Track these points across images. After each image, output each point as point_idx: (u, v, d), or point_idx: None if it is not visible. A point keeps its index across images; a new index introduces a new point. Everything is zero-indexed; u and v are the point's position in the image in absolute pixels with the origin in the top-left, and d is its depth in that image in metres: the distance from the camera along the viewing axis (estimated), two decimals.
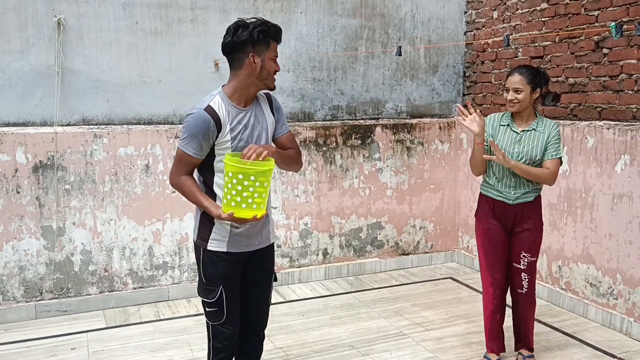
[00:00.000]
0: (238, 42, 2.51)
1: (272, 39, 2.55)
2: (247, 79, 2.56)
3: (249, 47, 2.50)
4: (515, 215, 3.44)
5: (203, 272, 2.67)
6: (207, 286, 2.66)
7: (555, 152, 3.34)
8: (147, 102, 4.71)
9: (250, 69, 2.54)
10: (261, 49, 2.52)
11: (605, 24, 4.19)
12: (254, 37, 2.49)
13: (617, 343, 3.97)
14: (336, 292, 5.03)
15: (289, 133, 2.81)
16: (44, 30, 4.36)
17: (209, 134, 2.51)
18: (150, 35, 4.66)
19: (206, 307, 2.69)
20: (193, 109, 2.56)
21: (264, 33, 2.51)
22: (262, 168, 2.40)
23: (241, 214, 2.44)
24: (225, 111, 2.53)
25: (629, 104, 4.12)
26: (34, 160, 4.32)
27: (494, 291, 3.55)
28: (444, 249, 5.86)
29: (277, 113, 2.76)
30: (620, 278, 4.12)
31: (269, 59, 2.55)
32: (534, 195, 3.44)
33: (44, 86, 4.40)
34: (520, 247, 3.48)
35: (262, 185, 2.42)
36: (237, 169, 2.37)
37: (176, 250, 4.80)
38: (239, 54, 2.53)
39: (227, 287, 2.66)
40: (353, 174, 5.35)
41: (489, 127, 3.48)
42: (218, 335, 2.72)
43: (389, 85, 5.55)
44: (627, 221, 4.04)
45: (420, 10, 5.58)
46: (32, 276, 4.40)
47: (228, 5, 4.85)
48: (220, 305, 2.66)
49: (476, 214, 3.63)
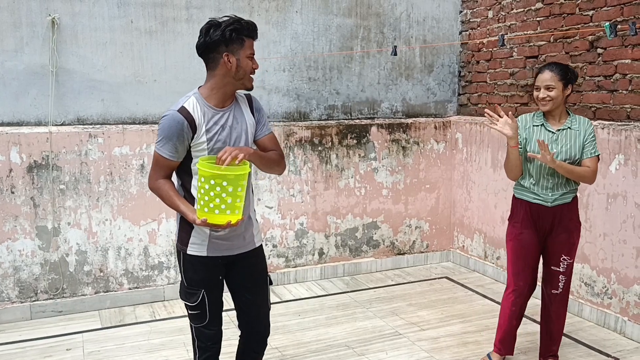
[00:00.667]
0: (211, 43, 2.46)
1: (246, 36, 2.49)
2: (223, 78, 2.51)
3: (222, 46, 2.45)
4: (554, 218, 3.34)
5: (184, 276, 2.65)
6: (188, 290, 2.64)
7: (593, 149, 3.27)
8: (142, 101, 4.70)
9: (225, 69, 2.48)
10: (235, 48, 2.47)
11: (600, 24, 4.21)
12: (226, 36, 2.43)
13: (611, 342, 3.99)
14: (332, 292, 5.03)
15: (271, 134, 2.74)
16: (38, 29, 4.34)
17: (183, 135, 2.46)
18: (145, 34, 4.64)
19: (189, 309, 2.67)
20: (167, 110, 2.50)
21: (236, 31, 2.45)
22: (235, 173, 2.32)
23: (214, 220, 2.37)
24: (200, 112, 2.48)
25: (623, 103, 4.13)
26: (29, 160, 4.31)
27: (515, 299, 3.47)
28: (440, 248, 5.87)
29: (258, 114, 2.69)
30: (614, 277, 4.13)
31: (245, 57, 2.49)
32: (572, 196, 3.35)
33: (38, 86, 4.38)
34: (561, 250, 3.38)
35: (235, 191, 2.34)
36: (209, 174, 2.30)
37: (171, 250, 4.79)
38: (213, 54, 2.48)
39: (209, 291, 2.63)
40: (349, 173, 5.36)
41: (521, 129, 3.37)
42: (201, 336, 2.71)
43: (384, 84, 5.56)
44: (621, 221, 4.06)
45: (415, 9, 5.58)
46: (27, 276, 4.39)
47: (223, 5, 4.84)
48: (203, 308, 2.63)
49: (510, 218, 3.51)
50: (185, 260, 2.62)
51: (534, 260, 3.46)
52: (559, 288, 3.45)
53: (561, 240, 3.38)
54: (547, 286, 3.50)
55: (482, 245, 5.47)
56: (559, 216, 3.35)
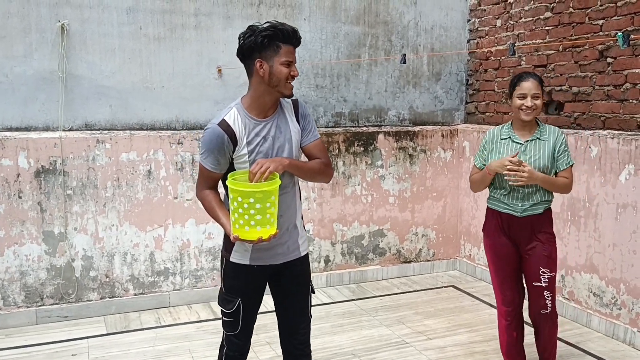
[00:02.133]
0: (245, 49, 2.44)
1: (283, 42, 2.42)
2: (259, 87, 2.47)
3: (255, 53, 2.42)
4: (524, 228, 3.28)
5: (224, 282, 2.65)
6: (226, 296, 2.63)
7: (568, 159, 3.24)
8: (150, 107, 4.70)
9: (258, 76, 2.45)
10: (269, 55, 2.42)
11: (610, 33, 4.19)
12: (258, 42, 2.39)
13: (620, 353, 3.95)
14: (338, 299, 5.01)
15: (318, 141, 2.65)
16: (47, 35, 4.36)
17: (224, 149, 2.45)
18: (154, 41, 4.66)
19: (223, 316, 2.67)
20: (209, 123, 2.50)
21: (269, 37, 2.39)
22: (261, 189, 2.28)
23: (245, 236, 2.35)
24: (241, 124, 2.46)
25: (633, 113, 4.11)
26: (36, 165, 4.31)
27: (507, 309, 3.41)
28: (446, 257, 5.84)
29: (304, 120, 2.63)
30: (624, 288, 4.10)
31: (279, 63, 2.42)
32: (544, 207, 3.28)
33: (46, 91, 4.39)
34: (538, 264, 3.27)
35: (264, 206, 2.30)
36: (236, 191, 2.29)
37: (177, 256, 4.78)
38: (248, 61, 2.46)
39: (246, 300, 2.61)
40: (355, 181, 5.34)
41: (488, 144, 3.36)
42: (229, 344, 2.70)
43: (391, 92, 5.55)
44: (631, 231, 4.02)
45: (423, 18, 5.58)
46: (33, 281, 4.39)
47: (232, 12, 4.86)
48: (237, 317, 2.61)
49: (484, 229, 3.49)
50: (227, 266, 2.62)
51: (514, 269, 3.38)
52: (547, 307, 3.31)
53: (536, 253, 3.28)
54: (534, 307, 3.35)
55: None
56: (529, 227, 3.28)
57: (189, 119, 4.82)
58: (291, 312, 2.72)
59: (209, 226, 4.84)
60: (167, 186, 4.68)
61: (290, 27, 2.46)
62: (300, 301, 2.71)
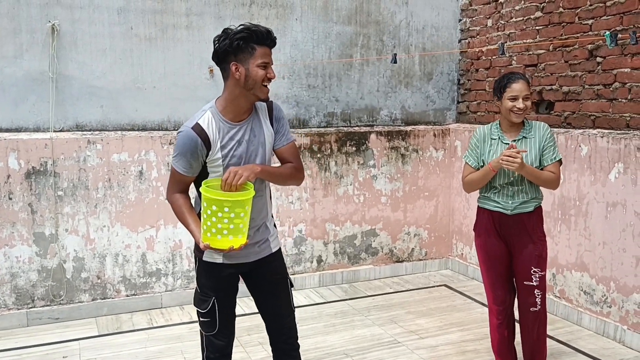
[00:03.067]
0: (220, 52, 2.40)
1: (257, 43, 2.37)
2: (234, 90, 2.43)
3: (231, 56, 2.38)
4: (515, 227, 3.29)
5: (197, 282, 2.64)
6: (201, 296, 2.62)
7: (554, 154, 3.23)
8: (141, 108, 4.69)
9: (234, 79, 2.41)
10: (244, 57, 2.37)
11: (599, 33, 4.22)
12: (233, 45, 2.35)
13: (610, 351, 3.97)
14: (330, 299, 5.01)
15: (290, 144, 2.63)
16: (37, 35, 4.34)
17: (197, 153, 2.42)
18: (145, 41, 4.65)
19: (200, 317, 2.64)
20: (182, 126, 2.46)
21: (244, 40, 2.35)
22: (235, 199, 2.26)
23: (217, 245, 2.32)
24: (215, 128, 2.42)
25: (622, 112, 4.14)
26: (27, 166, 4.29)
27: (498, 307, 3.42)
28: (438, 256, 5.86)
29: (277, 123, 2.60)
30: (613, 286, 4.12)
31: (255, 65, 2.38)
32: (534, 205, 3.30)
33: (37, 92, 4.38)
34: (529, 263, 3.28)
35: (238, 216, 2.28)
36: (210, 200, 2.25)
37: (170, 257, 4.77)
38: (224, 64, 2.42)
39: (220, 299, 2.59)
40: (347, 180, 5.35)
41: (480, 142, 3.36)
42: (210, 346, 2.66)
43: (383, 92, 5.56)
44: (620, 229, 4.05)
45: (415, 17, 5.59)
46: (23, 283, 4.37)
47: (223, 12, 4.85)
48: (213, 316, 2.59)
49: (475, 228, 3.50)
50: (200, 266, 2.61)
51: (505, 268, 3.39)
52: (537, 305, 3.32)
53: (528, 252, 3.29)
54: (524, 304, 3.37)
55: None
56: (520, 225, 3.29)
57: (181, 119, 4.81)
58: (275, 308, 2.70)
59: None
60: (159, 187, 4.67)
61: (265, 28, 2.42)
62: (280, 295, 2.70)
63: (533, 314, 3.35)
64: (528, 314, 3.36)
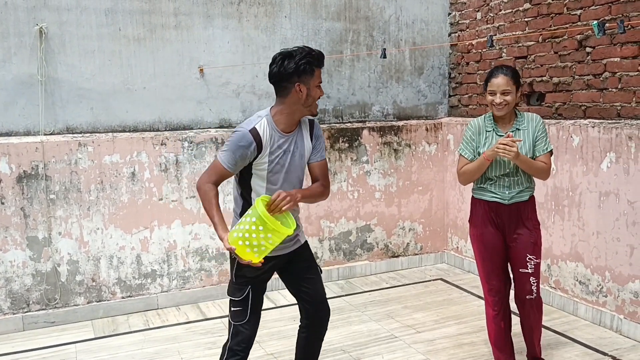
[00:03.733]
0: (285, 74, 2.64)
1: (316, 66, 2.68)
2: (293, 106, 2.69)
3: (294, 77, 2.64)
4: (512, 216, 3.33)
5: (235, 272, 2.77)
6: (236, 285, 2.78)
7: (545, 145, 3.27)
8: (131, 109, 4.67)
9: (296, 97, 2.67)
10: (306, 78, 2.65)
11: (588, 23, 4.22)
12: (299, 68, 2.62)
13: (607, 340, 3.99)
14: (327, 296, 4.98)
15: (322, 162, 2.90)
16: (25, 39, 4.31)
17: (247, 154, 2.65)
18: (134, 42, 4.63)
19: (232, 306, 2.80)
20: (240, 126, 2.68)
21: (308, 64, 2.64)
22: (279, 231, 2.50)
23: (240, 252, 2.52)
24: (268, 135, 2.67)
25: (613, 101, 4.15)
26: (18, 170, 4.27)
27: (493, 298, 3.42)
28: (434, 250, 5.86)
29: (316, 140, 2.87)
30: (609, 275, 4.14)
31: (314, 86, 2.69)
32: (529, 194, 3.34)
33: (26, 95, 4.35)
34: (525, 250, 3.33)
35: (269, 241, 2.52)
36: (260, 218, 2.46)
37: (164, 258, 4.76)
38: (286, 83, 2.66)
39: (255, 289, 2.78)
40: (341, 177, 5.34)
41: (475, 136, 3.38)
42: (237, 336, 2.80)
43: (375, 87, 5.56)
44: (614, 218, 4.06)
45: (404, 12, 5.59)
46: (18, 287, 4.35)
47: (212, 11, 4.83)
48: (246, 304, 2.77)
49: (470, 220, 3.50)
50: None
51: (501, 258, 3.41)
52: (532, 293, 3.37)
53: (524, 240, 3.34)
54: (520, 293, 3.42)
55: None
56: (517, 214, 3.33)
57: (172, 119, 4.79)
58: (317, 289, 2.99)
59: (195, 227, 4.82)
60: (152, 188, 4.65)
61: (320, 51, 2.72)
62: (316, 278, 3.00)
63: (529, 301, 3.40)
64: (525, 301, 3.41)
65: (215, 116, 4.94)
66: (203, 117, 4.90)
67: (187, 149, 4.76)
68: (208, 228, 4.86)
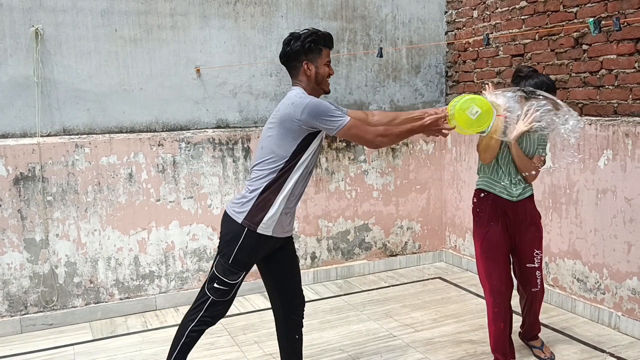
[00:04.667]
0: (292, 53, 2.80)
1: (323, 45, 2.83)
2: (308, 84, 2.84)
3: (302, 56, 2.79)
4: (519, 212, 3.38)
5: (235, 255, 2.82)
6: (231, 268, 2.83)
7: (544, 150, 3.41)
8: (128, 110, 4.66)
9: (306, 75, 2.82)
10: (314, 57, 2.81)
11: (584, 21, 4.22)
12: (305, 46, 2.78)
13: (606, 338, 3.99)
14: (325, 295, 5.01)
15: None
16: (21, 40, 4.30)
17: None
18: (130, 42, 4.62)
19: (216, 283, 2.84)
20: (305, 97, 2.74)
21: (314, 42, 2.79)
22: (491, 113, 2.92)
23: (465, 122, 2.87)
24: None
25: (609, 99, 4.15)
26: (15, 172, 4.26)
27: (494, 300, 3.42)
28: (432, 249, 5.86)
29: None
30: (607, 273, 4.14)
31: (322, 64, 2.83)
32: (530, 191, 3.45)
33: (23, 97, 4.34)
34: (532, 245, 3.45)
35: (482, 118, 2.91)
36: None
37: (162, 259, 4.75)
38: (295, 62, 2.82)
39: (246, 273, 2.88)
40: (339, 176, 5.34)
41: None
42: (212, 309, 2.87)
43: (372, 87, 5.55)
44: (611, 216, 4.06)
45: (400, 11, 5.59)
46: (16, 290, 4.34)
47: (208, 11, 4.83)
48: (234, 287, 2.87)
49: (476, 215, 3.48)
50: (246, 240, 2.81)
51: (505, 257, 3.43)
52: (537, 285, 3.52)
53: (531, 235, 3.45)
54: (525, 286, 3.53)
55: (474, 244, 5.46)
56: (523, 210, 3.41)
57: (169, 120, 4.79)
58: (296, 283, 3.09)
59: (193, 227, 4.81)
60: (149, 189, 4.65)
61: (327, 32, 2.88)
62: (298, 272, 3.12)
63: (534, 293, 3.54)
64: (529, 294, 3.54)
65: (212, 116, 4.93)
66: (200, 117, 4.89)
67: (185, 149, 4.75)
68: (205, 228, 4.85)
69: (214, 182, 4.87)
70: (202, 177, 4.83)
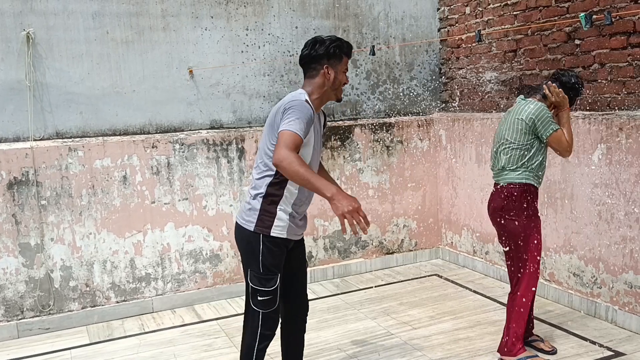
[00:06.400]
0: (315, 56, 2.80)
1: (345, 54, 2.84)
2: (322, 87, 2.82)
3: (324, 60, 2.79)
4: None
5: (262, 262, 2.79)
6: (265, 275, 2.80)
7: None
8: (121, 112, 4.65)
9: (324, 79, 2.81)
10: (334, 63, 2.81)
11: (576, 15, 4.22)
12: (329, 51, 2.79)
13: (603, 332, 4.00)
14: (322, 295, 5.00)
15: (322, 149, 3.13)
16: (13, 44, 4.28)
17: (311, 122, 2.68)
18: (122, 44, 4.60)
19: (259, 296, 2.82)
20: (296, 98, 2.70)
21: (338, 48, 2.81)
22: None
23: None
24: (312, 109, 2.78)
25: (603, 93, 4.15)
26: (8, 177, 4.24)
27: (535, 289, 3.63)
28: (428, 246, 5.86)
29: (324, 128, 3.08)
30: (602, 267, 4.14)
31: (341, 71, 2.84)
32: None
33: (15, 101, 4.32)
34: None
35: None
36: None
37: (158, 261, 4.74)
38: (315, 65, 2.82)
39: (280, 275, 2.85)
40: (334, 175, 5.33)
41: None
42: (267, 323, 2.85)
43: (365, 85, 5.54)
44: (606, 210, 4.06)
45: (393, 8, 5.58)
46: (12, 295, 4.32)
47: (200, 12, 4.81)
48: (275, 293, 2.84)
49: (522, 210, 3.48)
50: (265, 244, 2.78)
51: None
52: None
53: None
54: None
55: (470, 241, 5.47)
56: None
57: (162, 121, 4.77)
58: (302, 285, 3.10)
59: (188, 229, 4.80)
60: (144, 191, 4.63)
61: (349, 42, 2.89)
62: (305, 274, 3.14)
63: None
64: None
65: (206, 117, 4.92)
66: (194, 118, 4.88)
67: (179, 151, 4.74)
68: (201, 230, 4.84)
69: (209, 183, 4.86)
70: (197, 179, 4.81)
